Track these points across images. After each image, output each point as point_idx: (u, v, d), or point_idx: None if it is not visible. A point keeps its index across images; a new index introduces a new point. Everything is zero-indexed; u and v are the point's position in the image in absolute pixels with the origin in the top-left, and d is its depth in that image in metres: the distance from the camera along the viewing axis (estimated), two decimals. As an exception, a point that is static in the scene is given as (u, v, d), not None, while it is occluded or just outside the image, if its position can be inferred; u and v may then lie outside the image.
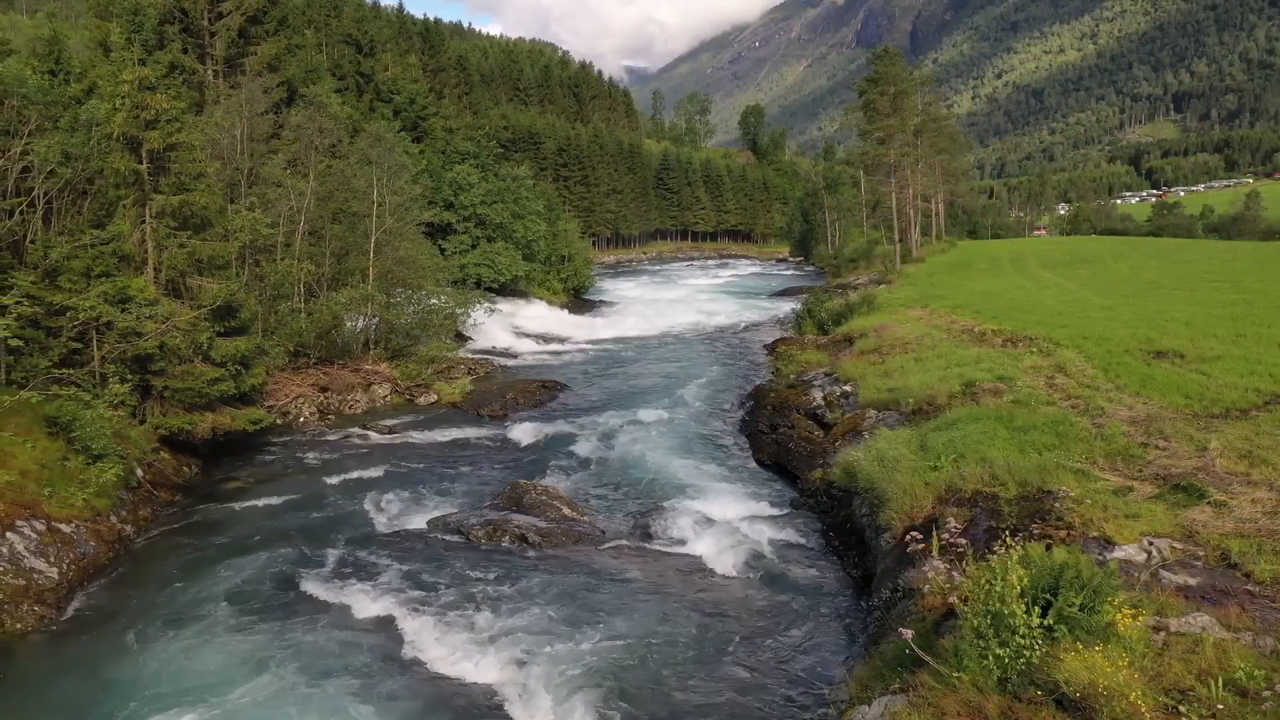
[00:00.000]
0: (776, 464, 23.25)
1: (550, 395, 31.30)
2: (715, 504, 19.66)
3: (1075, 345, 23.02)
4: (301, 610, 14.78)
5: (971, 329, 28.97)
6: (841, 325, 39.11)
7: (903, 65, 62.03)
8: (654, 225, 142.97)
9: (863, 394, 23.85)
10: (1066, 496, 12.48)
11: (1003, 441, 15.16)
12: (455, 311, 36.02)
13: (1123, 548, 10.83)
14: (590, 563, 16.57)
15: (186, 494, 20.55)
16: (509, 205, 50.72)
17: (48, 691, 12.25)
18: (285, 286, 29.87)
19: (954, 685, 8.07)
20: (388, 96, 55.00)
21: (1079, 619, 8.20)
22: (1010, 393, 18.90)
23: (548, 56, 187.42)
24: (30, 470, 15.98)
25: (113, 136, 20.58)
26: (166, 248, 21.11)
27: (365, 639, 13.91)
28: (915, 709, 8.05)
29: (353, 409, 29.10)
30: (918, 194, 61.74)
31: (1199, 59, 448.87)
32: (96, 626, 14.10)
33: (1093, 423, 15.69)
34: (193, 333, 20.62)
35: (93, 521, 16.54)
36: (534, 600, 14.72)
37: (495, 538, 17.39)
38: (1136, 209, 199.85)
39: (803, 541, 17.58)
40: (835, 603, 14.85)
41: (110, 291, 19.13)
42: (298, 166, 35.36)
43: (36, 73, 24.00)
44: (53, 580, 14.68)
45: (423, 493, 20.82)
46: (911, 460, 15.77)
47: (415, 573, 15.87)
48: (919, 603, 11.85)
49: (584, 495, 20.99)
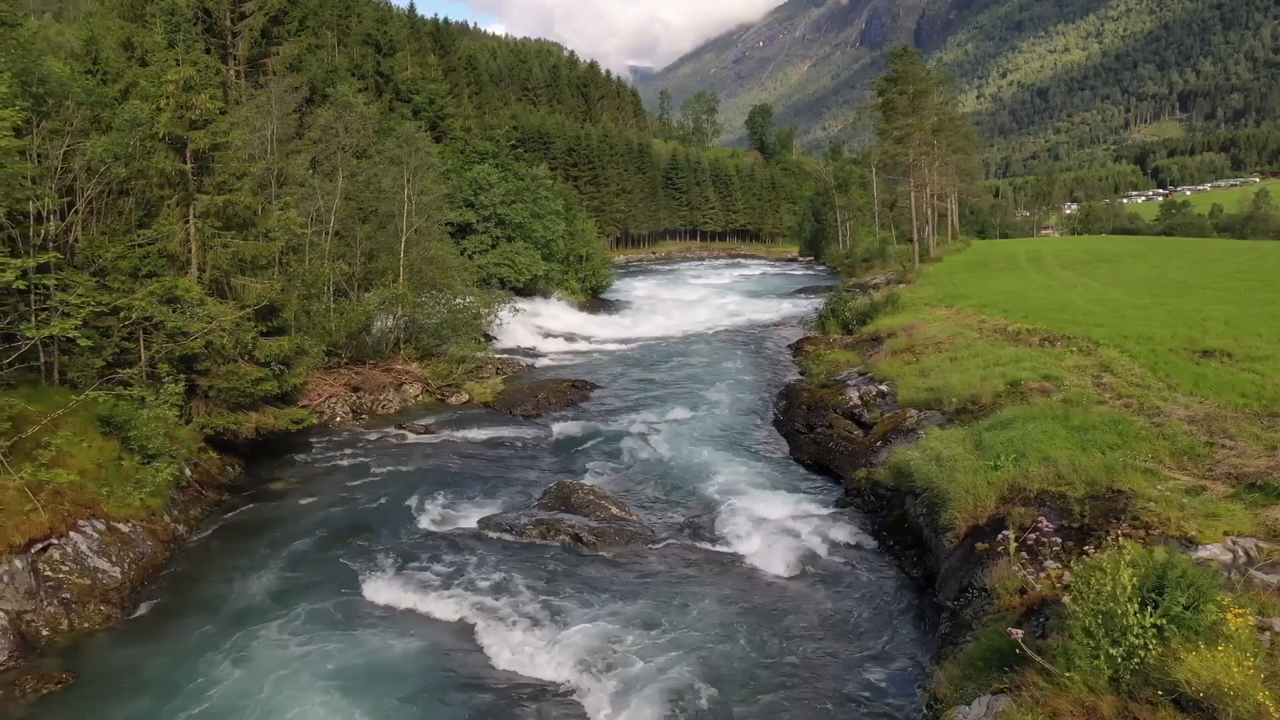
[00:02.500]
0: (817, 463, 23.22)
1: (581, 395, 31.29)
2: (761, 503, 19.64)
3: (1116, 345, 22.94)
4: (364, 609, 14.80)
5: (1004, 328, 28.90)
6: (867, 325, 39.09)
7: (921, 64, 61.97)
8: (663, 225, 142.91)
9: (901, 393, 23.81)
10: (1139, 496, 12.45)
11: (1063, 440, 15.10)
12: (482, 311, 36.03)
13: (1206, 547, 10.79)
14: (645, 563, 16.57)
15: (232, 494, 20.58)
16: (528, 205, 50.74)
17: (120, 690, 12.27)
18: (316, 286, 29.90)
19: (1064, 685, 8.05)
20: (407, 96, 55.06)
21: (1186, 618, 8.19)
22: (1058, 392, 18.83)
23: (555, 56, 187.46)
24: (88, 470, 16.00)
25: (158, 137, 20.60)
26: (211, 247, 21.13)
27: (431, 638, 13.93)
28: (1025, 709, 8.03)
29: (385, 409, 29.12)
30: (934, 193, 61.67)
31: (1205, 58, 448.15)
32: (162, 625, 14.13)
33: (1151, 422, 15.63)
34: (237, 332, 20.65)
35: (148, 521, 16.57)
36: (596, 600, 14.72)
37: (549, 537, 17.39)
38: (1143, 208, 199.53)
39: (854, 541, 17.55)
40: (897, 602, 14.83)
41: (159, 291, 19.15)
42: (319, 166, 35.42)
43: (75, 74, 24.03)
44: (116, 580, 14.71)
45: (468, 492, 20.82)
46: (968, 460, 15.72)
47: (474, 572, 15.87)
48: (995, 602, 11.84)
49: (627, 495, 20.97)
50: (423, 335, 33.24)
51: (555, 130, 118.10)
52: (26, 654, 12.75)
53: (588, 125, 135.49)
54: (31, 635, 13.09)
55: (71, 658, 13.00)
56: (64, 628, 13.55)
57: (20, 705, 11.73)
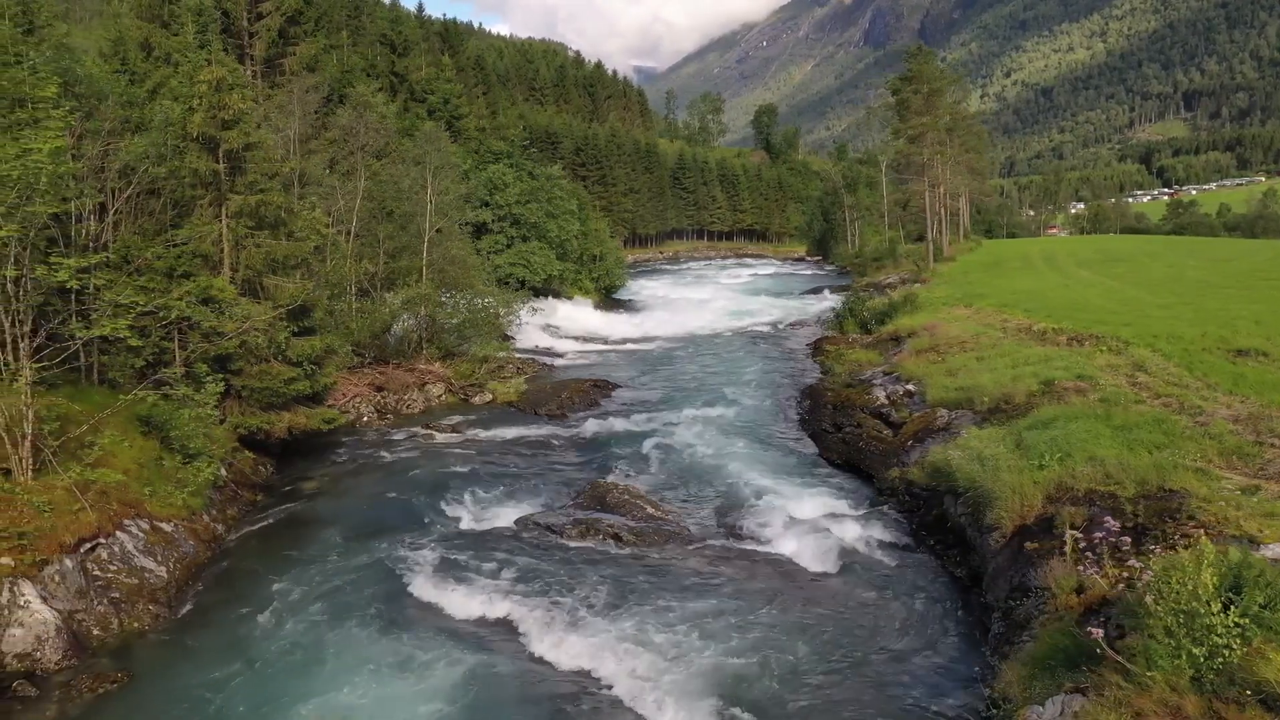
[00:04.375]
0: (847, 463, 23.20)
1: (604, 394, 31.31)
2: (795, 502, 19.64)
3: (1146, 344, 22.88)
4: (410, 608, 14.82)
5: (1029, 328, 28.87)
6: (885, 324, 39.02)
7: (935, 63, 61.93)
8: (670, 225, 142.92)
9: (930, 393, 23.79)
10: (1193, 495, 12.43)
11: (1107, 440, 15.07)
12: (502, 311, 36.06)
13: (1269, 547, 10.76)
14: (686, 562, 16.56)
15: (266, 493, 20.61)
16: (543, 205, 50.77)
17: (175, 689, 12.29)
18: (339, 286, 29.95)
19: (1146, 685, 8.04)
20: (421, 96, 55.12)
21: (1265, 618, 8.17)
22: (1094, 391, 18.79)
23: (562, 56, 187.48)
24: (130, 470, 16.03)
25: (191, 137, 20.63)
26: (244, 247, 21.16)
27: (478, 634, 13.96)
28: (1108, 709, 8.02)
29: (410, 409, 29.15)
30: (947, 192, 61.62)
31: (1209, 57, 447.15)
32: (210, 624, 14.15)
33: (1194, 422, 15.61)
34: (271, 332, 20.68)
35: (189, 521, 16.60)
36: (642, 599, 14.71)
37: (588, 536, 17.40)
38: (1149, 208, 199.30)
39: (892, 540, 17.53)
40: (943, 600, 14.80)
41: (195, 291, 19.18)
42: (337, 166, 35.45)
43: (105, 74, 24.05)
44: (162, 579, 14.73)
45: (500, 491, 20.83)
46: (1010, 459, 15.71)
47: (517, 570, 15.87)
48: (1051, 601, 11.82)
49: (659, 494, 20.96)
50: (444, 335, 33.27)
51: (563, 130, 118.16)
52: (79, 654, 12.77)
53: (595, 125, 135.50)
54: (83, 635, 13.11)
55: (124, 657, 13.02)
56: (114, 627, 13.57)
57: (78, 705, 11.76)
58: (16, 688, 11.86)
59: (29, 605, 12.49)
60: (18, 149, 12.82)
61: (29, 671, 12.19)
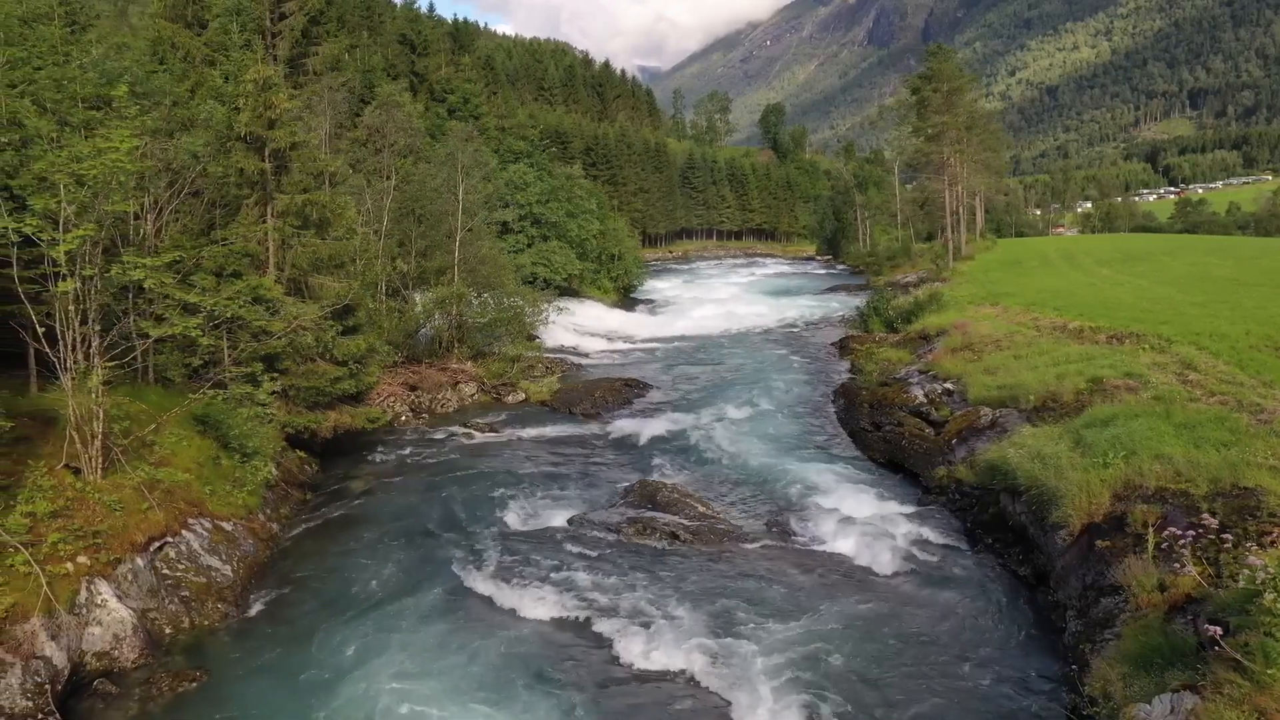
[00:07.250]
0: (889, 462, 23.17)
1: (637, 393, 31.30)
2: (844, 501, 19.60)
3: (1190, 342, 22.82)
4: (473, 607, 14.81)
5: (1063, 326, 28.79)
6: (912, 323, 38.98)
7: (955, 62, 61.88)
8: (680, 224, 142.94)
9: (971, 392, 23.72)
10: (1271, 493, 12.39)
11: (1171, 438, 15.01)
12: (530, 310, 36.08)
13: (1360, 545, 10.74)
14: (744, 561, 16.54)
15: (314, 492, 20.63)
16: (563, 204, 50.80)
17: (252, 687, 12.30)
18: (373, 285, 29.97)
19: (1265, 684, 8.01)
20: (441, 96, 55.16)
21: (1380, 616, 8.15)
22: (1145, 390, 18.73)
23: (570, 56, 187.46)
24: (190, 469, 16.05)
25: (238, 136, 20.65)
26: (291, 247, 21.18)
27: (542, 631, 13.95)
28: (1228, 706, 7.99)
29: (444, 408, 29.16)
30: (965, 191, 61.55)
31: (1215, 55, 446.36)
32: (278, 622, 14.16)
33: (1257, 419, 15.56)
34: (318, 331, 20.70)
35: (247, 520, 16.62)
36: (704, 598, 14.69)
37: (644, 535, 17.38)
38: (1156, 206, 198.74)
39: (947, 538, 17.50)
40: (1008, 599, 14.75)
41: (244, 291, 19.19)
42: (361, 166, 35.46)
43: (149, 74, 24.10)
44: (228, 578, 14.75)
45: (547, 490, 20.83)
46: (1071, 457, 15.68)
47: (574, 568, 15.86)
48: (1131, 599, 11.78)
49: (706, 492, 20.95)
50: (475, 334, 33.28)
51: (573, 130, 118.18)
52: (154, 652, 12.79)
53: (604, 124, 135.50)
54: (156, 633, 13.13)
55: (198, 655, 13.04)
56: (185, 626, 13.59)
57: (159, 704, 11.76)
58: (98, 686, 11.88)
59: (106, 604, 12.51)
60: (91, 148, 12.83)
61: (107, 670, 12.21)
